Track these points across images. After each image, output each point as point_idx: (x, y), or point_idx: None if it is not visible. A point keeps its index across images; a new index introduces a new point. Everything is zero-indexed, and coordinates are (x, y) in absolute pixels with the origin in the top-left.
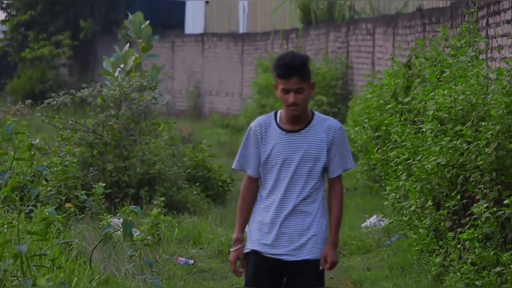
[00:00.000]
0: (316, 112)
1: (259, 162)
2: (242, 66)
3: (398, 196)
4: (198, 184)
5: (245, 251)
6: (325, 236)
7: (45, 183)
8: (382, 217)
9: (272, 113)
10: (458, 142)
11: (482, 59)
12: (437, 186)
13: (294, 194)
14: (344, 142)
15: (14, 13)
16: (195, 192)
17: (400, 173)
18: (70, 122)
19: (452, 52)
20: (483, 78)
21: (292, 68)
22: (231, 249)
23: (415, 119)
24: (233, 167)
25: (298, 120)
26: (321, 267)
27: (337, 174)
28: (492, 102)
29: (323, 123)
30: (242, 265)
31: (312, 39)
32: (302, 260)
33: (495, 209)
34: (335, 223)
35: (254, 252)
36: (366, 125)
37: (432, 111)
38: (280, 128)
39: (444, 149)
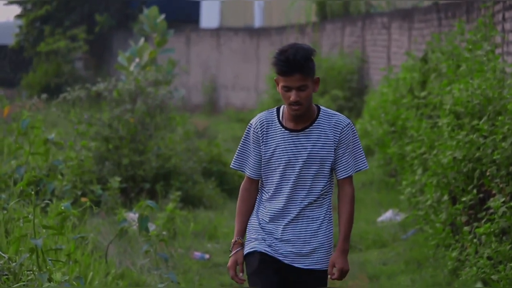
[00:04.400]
0: (323, 108)
1: (260, 162)
2: (257, 60)
3: (414, 190)
4: (213, 178)
5: (248, 251)
6: (332, 245)
7: (61, 177)
8: (398, 212)
9: (275, 109)
10: (474, 136)
11: (498, 54)
12: (453, 181)
13: (299, 198)
14: (354, 140)
15: (30, 7)
16: (210, 187)
17: (416, 167)
18: (85, 116)
19: (468, 47)
20: (500, 72)
21: (294, 65)
22: (230, 255)
23: (432, 113)
24: (231, 166)
25: (302, 118)
26: (330, 277)
27: (346, 175)
28: (508, 96)
29: (330, 120)
30: (242, 270)
31: (328, 34)
32: (307, 269)
33: (511, 203)
34: (344, 228)
35: (257, 252)
36: (382, 120)
37: (448, 106)
38: (283, 126)
39: (460, 144)
